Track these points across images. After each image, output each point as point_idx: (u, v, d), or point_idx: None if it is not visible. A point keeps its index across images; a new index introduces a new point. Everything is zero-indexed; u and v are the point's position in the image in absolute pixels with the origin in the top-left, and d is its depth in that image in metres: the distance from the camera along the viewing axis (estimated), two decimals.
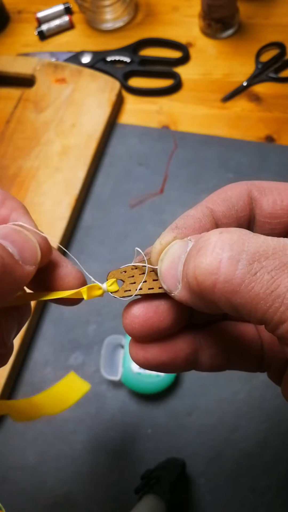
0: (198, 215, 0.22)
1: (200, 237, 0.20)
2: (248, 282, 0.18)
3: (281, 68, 0.70)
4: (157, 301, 0.23)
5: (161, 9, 0.78)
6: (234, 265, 0.18)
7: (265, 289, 0.17)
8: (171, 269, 0.21)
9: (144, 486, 0.50)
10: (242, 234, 0.19)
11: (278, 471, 0.52)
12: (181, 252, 0.21)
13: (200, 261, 0.19)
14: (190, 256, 0.20)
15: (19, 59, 0.74)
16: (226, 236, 0.19)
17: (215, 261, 0.18)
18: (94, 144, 0.67)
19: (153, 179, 0.66)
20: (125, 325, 0.23)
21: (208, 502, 0.52)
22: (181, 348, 0.23)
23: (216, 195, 0.24)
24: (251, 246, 0.18)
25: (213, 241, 0.19)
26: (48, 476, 0.55)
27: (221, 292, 0.18)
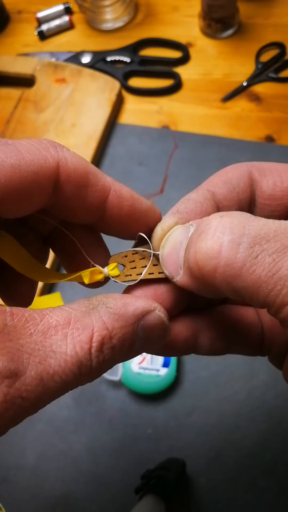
0: (199, 199, 0.22)
1: (201, 221, 0.20)
2: (250, 265, 0.17)
3: (281, 68, 0.70)
4: (156, 284, 0.23)
5: (161, 9, 0.78)
6: (235, 248, 0.18)
7: (266, 272, 0.17)
8: (173, 255, 0.21)
9: (144, 486, 0.50)
10: (243, 217, 0.19)
11: (278, 471, 0.52)
12: (182, 238, 0.21)
13: (201, 246, 0.19)
14: (192, 241, 0.20)
15: (19, 59, 0.74)
16: (227, 220, 0.19)
17: (216, 245, 0.18)
18: (94, 144, 0.67)
19: (153, 179, 0.66)
20: None
21: (208, 502, 0.52)
22: (180, 331, 0.23)
23: (216, 177, 0.23)
24: (252, 229, 0.18)
25: (213, 225, 0.19)
26: (48, 476, 0.55)
27: (223, 276, 0.18)
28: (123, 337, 0.19)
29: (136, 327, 0.19)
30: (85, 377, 0.18)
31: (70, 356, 0.17)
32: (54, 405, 0.56)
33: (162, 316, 0.20)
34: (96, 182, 0.21)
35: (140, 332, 0.19)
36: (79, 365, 0.17)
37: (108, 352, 0.18)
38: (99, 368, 0.18)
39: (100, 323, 0.18)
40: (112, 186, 0.22)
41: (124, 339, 0.19)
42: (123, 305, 0.19)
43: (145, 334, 0.20)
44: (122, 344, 0.19)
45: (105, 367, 0.19)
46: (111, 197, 0.22)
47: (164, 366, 0.54)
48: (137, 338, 0.19)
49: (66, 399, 0.57)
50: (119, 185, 0.22)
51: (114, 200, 0.22)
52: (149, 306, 0.20)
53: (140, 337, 0.19)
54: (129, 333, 0.19)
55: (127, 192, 0.23)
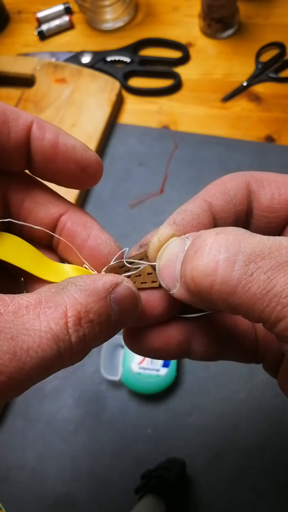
0: (196, 211, 0.22)
1: (198, 236, 0.20)
2: (245, 283, 0.18)
3: (281, 68, 0.70)
4: (149, 290, 0.23)
5: (161, 9, 0.78)
6: (230, 266, 0.18)
7: (261, 289, 0.18)
8: (169, 267, 0.21)
9: (144, 486, 0.50)
10: (238, 234, 0.19)
11: (278, 471, 0.52)
12: (179, 251, 0.21)
13: (197, 263, 0.19)
14: (188, 257, 0.20)
15: (19, 59, 0.74)
16: (222, 237, 0.19)
17: (212, 263, 0.19)
18: (94, 144, 0.67)
19: (153, 179, 0.66)
20: None
21: (208, 502, 0.52)
22: (173, 335, 0.24)
23: (214, 187, 0.23)
24: (247, 247, 0.19)
25: (209, 242, 0.19)
26: (48, 476, 0.55)
27: (219, 293, 0.19)
28: (99, 311, 0.19)
29: (108, 300, 0.20)
30: (66, 354, 0.18)
31: (45, 332, 0.18)
32: (54, 405, 0.57)
33: (131, 286, 0.21)
34: (16, 117, 0.22)
35: (113, 304, 0.20)
36: (56, 341, 0.18)
37: (87, 327, 0.19)
38: (81, 344, 0.19)
39: (72, 300, 0.19)
40: (35, 119, 0.22)
41: (100, 312, 0.19)
42: (92, 281, 0.20)
43: (118, 306, 0.20)
44: (100, 318, 0.19)
45: (88, 344, 0.19)
46: (34, 129, 0.22)
47: (164, 366, 0.54)
48: (112, 311, 0.20)
49: (66, 399, 0.57)
50: (43, 120, 0.23)
51: (36, 133, 0.22)
52: (116, 279, 0.21)
53: (115, 310, 0.20)
54: (103, 307, 0.20)
55: (51, 126, 0.23)
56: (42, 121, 0.22)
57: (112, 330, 0.21)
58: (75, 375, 0.58)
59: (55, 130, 0.22)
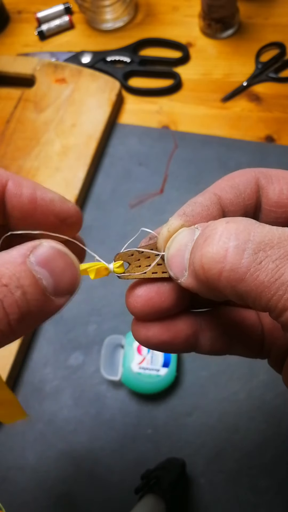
0: (206, 203, 0.23)
1: (207, 226, 0.20)
2: (254, 270, 0.18)
3: (281, 68, 0.70)
4: (159, 282, 0.23)
5: (161, 9, 0.78)
6: (240, 254, 0.18)
7: (269, 278, 0.18)
8: (178, 257, 0.21)
9: (144, 486, 0.50)
10: (248, 223, 0.19)
11: (278, 471, 0.52)
12: (188, 240, 0.21)
13: (207, 250, 0.19)
14: (197, 245, 0.20)
15: (19, 59, 0.74)
16: (233, 226, 0.19)
17: (221, 250, 0.19)
18: (94, 144, 0.67)
19: (153, 179, 0.66)
20: (128, 304, 0.23)
21: (208, 502, 0.52)
22: (181, 328, 0.24)
23: (224, 182, 0.24)
24: (257, 236, 0.19)
25: (219, 230, 0.19)
26: (48, 476, 0.55)
27: (227, 280, 0.19)
28: (17, 276, 0.19)
29: (28, 263, 0.19)
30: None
31: None
32: (54, 405, 0.57)
33: (54, 244, 0.20)
34: None
35: (37, 268, 0.19)
36: None
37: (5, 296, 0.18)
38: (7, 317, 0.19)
39: None
40: (10, 176, 0.22)
41: (19, 277, 0.19)
42: (4, 253, 0.20)
43: (46, 268, 0.20)
44: (19, 282, 0.19)
45: (18, 318, 0.19)
46: (10, 187, 0.22)
47: (164, 366, 0.54)
48: (41, 276, 0.19)
49: (66, 399, 0.57)
50: (19, 177, 0.23)
51: (13, 189, 0.22)
52: (33, 243, 0.20)
53: (44, 274, 0.20)
54: (22, 271, 0.19)
55: (28, 182, 0.23)
56: (18, 177, 0.22)
57: (52, 298, 0.20)
58: (75, 375, 0.58)
59: (31, 185, 0.23)
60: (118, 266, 0.24)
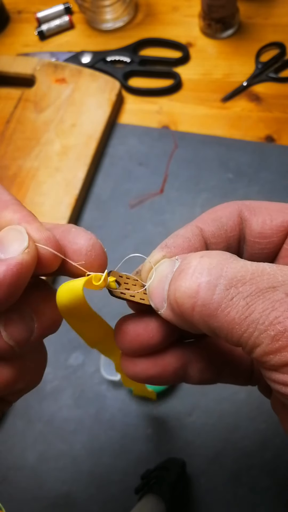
0: (188, 235, 0.23)
1: (184, 259, 0.21)
2: (225, 306, 0.18)
3: (281, 68, 0.70)
4: (148, 317, 0.23)
5: (161, 9, 0.78)
6: (211, 289, 0.19)
7: (240, 315, 0.18)
8: (159, 288, 0.22)
9: (144, 486, 0.50)
10: (222, 258, 0.20)
11: (278, 471, 0.52)
12: (168, 272, 0.21)
13: (180, 284, 0.20)
14: (173, 279, 0.21)
15: (19, 59, 0.74)
16: (206, 261, 0.20)
17: (194, 285, 0.19)
18: (94, 144, 0.67)
19: (153, 179, 0.66)
20: (117, 340, 0.24)
21: (208, 502, 0.52)
22: (169, 362, 0.24)
23: (206, 215, 0.24)
24: (230, 271, 0.19)
25: (193, 264, 0.20)
26: (48, 476, 0.55)
27: (200, 315, 0.19)
28: None
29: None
30: None
31: None
32: (54, 405, 0.57)
33: None
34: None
35: None
36: None
37: None
38: None
39: None
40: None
41: None
42: None
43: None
44: None
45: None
46: None
47: None
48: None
49: (66, 399, 0.57)
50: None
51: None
52: None
53: None
54: None
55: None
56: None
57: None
58: (75, 375, 0.58)
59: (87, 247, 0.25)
60: (113, 281, 0.24)
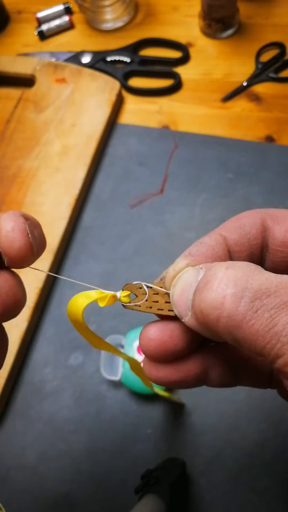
0: (211, 243, 0.23)
1: (209, 268, 0.21)
2: (249, 318, 0.19)
3: (281, 68, 0.70)
4: (173, 324, 0.24)
5: (161, 9, 0.78)
6: (237, 301, 0.19)
7: (263, 327, 0.19)
8: (183, 296, 0.22)
9: (144, 486, 0.50)
10: (247, 270, 0.20)
11: (278, 471, 0.52)
12: (192, 280, 0.22)
13: (206, 296, 0.20)
14: (198, 290, 0.21)
15: (19, 59, 0.74)
16: (232, 272, 0.20)
17: (219, 297, 0.20)
18: (94, 144, 0.67)
19: (153, 179, 0.66)
20: (141, 346, 0.24)
21: (208, 502, 0.52)
22: (191, 368, 0.25)
23: (230, 223, 0.25)
24: (255, 284, 0.19)
25: (219, 276, 0.20)
26: (48, 476, 0.55)
27: (225, 326, 0.20)
28: None
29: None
30: None
31: None
32: (54, 405, 0.57)
33: None
34: None
35: None
36: None
37: None
38: None
39: None
40: None
41: None
42: None
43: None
44: None
45: None
46: None
47: None
48: None
49: (66, 399, 0.57)
50: None
51: None
52: None
53: None
54: None
55: None
56: None
57: None
58: (75, 375, 0.58)
59: None
60: (125, 296, 0.24)
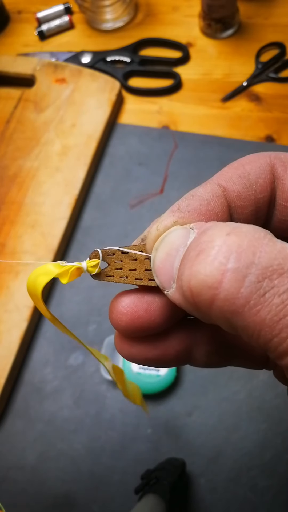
0: (207, 196, 0.19)
1: (203, 231, 0.17)
2: (254, 303, 0.15)
3: (281, 68, 0.70)
4: (150, 295, 0.19)
5: (161, 9, 0.78)
6: (239, 281, 0.15)
7: (272, 315, 0.14)
8: (167, 262, 0.17)
9: (144, 486, 0.50)
10: (254, 238, 0.15)
11: (278, 471, 0.52)
12: (180, 243, 0.17)
13: (198, 270, 0.16)
14: (188, 258, 0.16)
15: (19, 59, 0.74)
16: (234, 241, 0.15)
17: (216, 273, 0.15)
18: (94, 144, 0.67)
19: (153, 179, 0.66)
20: (111, 320, 0.20)
21: (208, 502, 0.52)
22: (171, 345, 0.20)
23: (231, 170, 0.19)
24: (264, 258, 0.15)
25: (217, 244, 0.15)
26: (48, 476, 0.55)
27: (220, 310, 0.15)
28: None
29: None
30: None
31: None
32: (54, 405, 0.57)
33: None
34: None
35: None
36: None
37: None
38: None
39: None
40: None
41: None
42: None
43: None
44: None
45: None
46: None
47: None
48: None
49: (66, 399, 0.57)
50: None
51: None
52: None
53: None
54: None
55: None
56: None
57: None
58: (75, 375, 0.58)
59: None
60: (93, 266, 0.20)
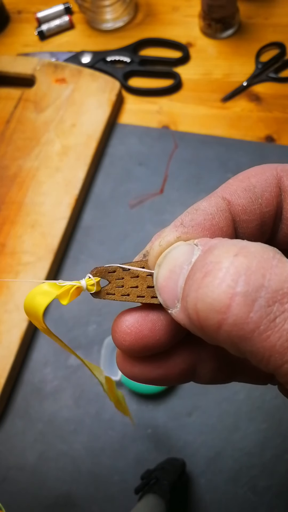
0: (211, 210, 0.18)
1: (209, 249, 0.16)
2: (264, 329, 0.14)
3: (281, 68, 0.70)
4: (155, 313, 0.19)
5: (161, 9, 0.78)
6: (249, 305, 0.14)
7: (283, 341, 0.14)
8: (170, 280, 0.17)
9: (144, 486, 0.50)
10: (263, 259, 0.15)
11: (278, 471, 0.52)
12: (183, 260, 0.17)
13: (205, 293, 0.15)
14: (193, 280, 0.16)
15: (19, 59, 0.74)
16: (242, 262, 0.15)
17: (225, 297, 0.14)
18: (94, 144, 0.67)
19: (153, 179, 0.66)
20: (114, 340, 0.19)
21: (208, 502, 0.52)
22: (175, 363, 0.20)
23: (236, 183, 0.19)
24: (274, 279, 0.14)
25: (224, 266, 0.15)
26: (48, 476, 0.55)
27: (228, 335, 0.15)
28: None
29: None
30: None
31: None
32: (54, 405, 0.57)
33: None
34: None
35: None
36: None
37: None
38: None
39: None
40: None
41: None
42: None
43: None
44: None
45: None
46: None
47: None
48: None
49: (66, 399, 0.57)
50: None
51: None
52: None
53: None
54: None
55: None
56: None
57: None
58: (75, 375, 0.58)
59: None
60: (92, 284, 0.19)
